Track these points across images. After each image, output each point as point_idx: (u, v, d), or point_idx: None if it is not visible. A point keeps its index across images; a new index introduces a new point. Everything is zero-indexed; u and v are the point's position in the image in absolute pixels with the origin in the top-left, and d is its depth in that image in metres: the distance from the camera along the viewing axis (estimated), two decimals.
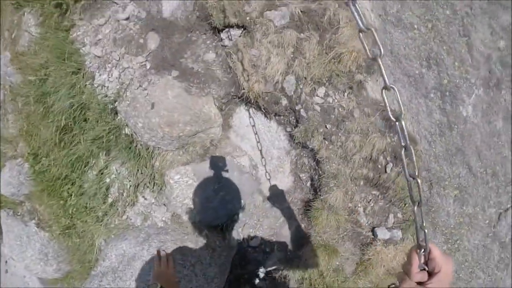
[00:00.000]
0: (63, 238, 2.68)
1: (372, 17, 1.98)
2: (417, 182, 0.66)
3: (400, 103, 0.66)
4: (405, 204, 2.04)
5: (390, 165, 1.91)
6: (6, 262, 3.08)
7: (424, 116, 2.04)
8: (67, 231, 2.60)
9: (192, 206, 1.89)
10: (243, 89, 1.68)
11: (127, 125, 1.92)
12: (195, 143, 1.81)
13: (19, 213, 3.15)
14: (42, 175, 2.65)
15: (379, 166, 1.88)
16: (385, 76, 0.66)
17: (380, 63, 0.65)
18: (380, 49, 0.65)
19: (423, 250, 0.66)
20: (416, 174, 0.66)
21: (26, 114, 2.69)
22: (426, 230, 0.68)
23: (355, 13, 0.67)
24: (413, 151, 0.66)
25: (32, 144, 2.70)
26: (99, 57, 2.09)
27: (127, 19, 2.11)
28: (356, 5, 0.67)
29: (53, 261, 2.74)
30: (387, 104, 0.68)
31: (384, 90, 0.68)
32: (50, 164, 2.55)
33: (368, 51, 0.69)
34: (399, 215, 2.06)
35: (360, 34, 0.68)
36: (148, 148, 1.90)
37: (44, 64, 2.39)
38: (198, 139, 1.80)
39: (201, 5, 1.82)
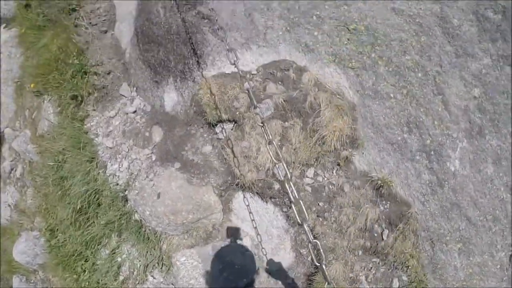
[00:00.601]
0: None
1: (351, 94, 2.20)
2: (322, 268, 0.93)
3: (305, 211, 1.01)
4: (408, 267, 2.06)
5: (386, 231, 1.98)
6: None
7: (413, 178, 2.14)
8: None
9: (198, 286, 1.98)
10: (238, 178, 1.86)
11: (136, 212, 2.11)
12: (199, 228, 1.96)
13: (32, 281, 3.28)
14: (57, 249, 2.82)
15: (375, 234, 1.96)
16: (306, 212, 1.04)
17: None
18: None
19: None
20: (324, 261, 0.94)
21: (44, 193, 2.93)
22: None
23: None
24: (319, 244, 0.95)
25: (49, 221, 2.91)
26: (110, 148, 2.35)
27: (134, 112, 2.41)
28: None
29: None
30: (308, 232, 1.01)
31: (303, 222, 1.03)
32: (66, 241, 2.72)
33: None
34: (404, 277, 2.08)
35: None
36: (156, 232, 2.05)
37: (61, 151, 2.68)
38: (201, 224, 1.95)
39: (197, 101, 2.08)
